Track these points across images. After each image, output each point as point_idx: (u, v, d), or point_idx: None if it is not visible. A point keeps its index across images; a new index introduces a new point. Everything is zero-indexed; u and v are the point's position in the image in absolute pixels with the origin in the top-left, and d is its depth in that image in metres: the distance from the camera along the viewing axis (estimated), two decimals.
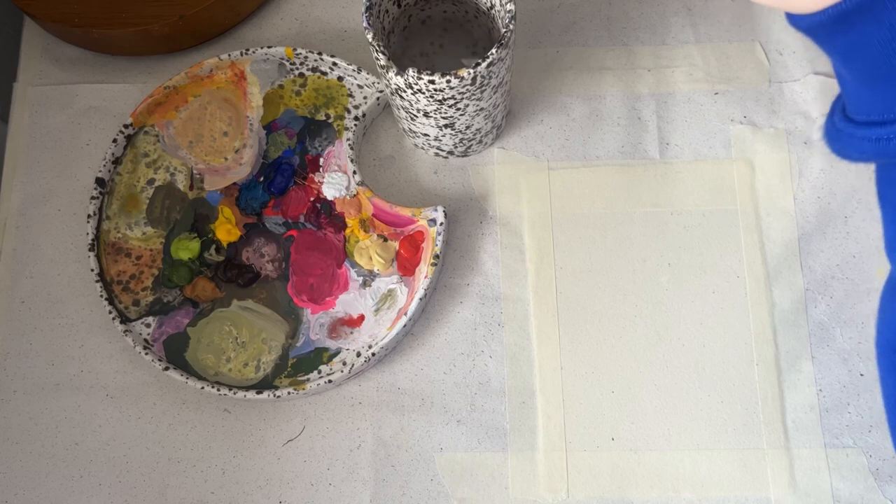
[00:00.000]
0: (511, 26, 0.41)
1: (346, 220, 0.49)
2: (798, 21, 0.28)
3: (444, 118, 0.45)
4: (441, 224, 0.47)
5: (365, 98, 0.51)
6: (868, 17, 0.26)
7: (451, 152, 0.50)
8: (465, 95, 0.42)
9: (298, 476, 0.47)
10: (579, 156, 0.51)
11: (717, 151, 0.51)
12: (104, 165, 0.50)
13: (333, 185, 0.50)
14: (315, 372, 0.47)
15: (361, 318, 0.48)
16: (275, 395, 0.46)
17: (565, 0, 0.54)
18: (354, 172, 0.50)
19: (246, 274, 0.49)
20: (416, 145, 0.51)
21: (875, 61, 0.27)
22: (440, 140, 0.48)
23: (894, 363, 0.31)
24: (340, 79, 0.52)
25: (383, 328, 0.47)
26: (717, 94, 0.52)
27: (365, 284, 0.48)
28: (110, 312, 0.47)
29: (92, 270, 0.48)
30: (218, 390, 0.46)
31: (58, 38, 0.54)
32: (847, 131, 0.29)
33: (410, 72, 0.41)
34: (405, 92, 0.43)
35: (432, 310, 0.49)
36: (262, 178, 0.50)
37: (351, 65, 0.51)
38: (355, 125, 0.50)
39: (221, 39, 0.55)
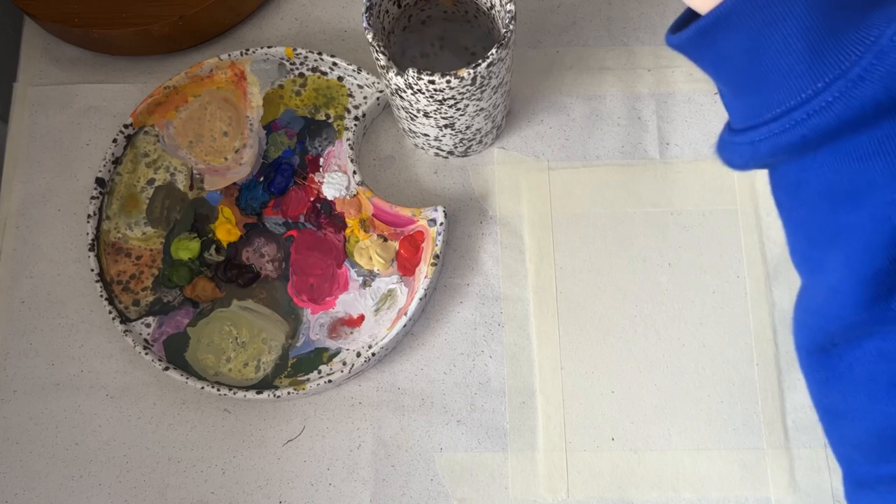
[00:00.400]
0: (511, 26, 0.41)
1: (346, 220, 0.49)
2: (671, 41, 0.31)
3: (444, 118, 0.45)
4: (441, 224, 0.47)
5: (365, 98, 0.51)
6: (728, 28, 0.28)
7: (451, 152, 0.50)
8: (465, 95, 0.42)
9: (298, 476, 0.47)
10: (579, 156, 0.51)
11: None
12: (104, 165, 0.50)
13: (333, 185, 0.50)
14: (315, 372, 0.47)
15: (361, 318, 0.48)
16: (275, 395, 0.46)
17: (565, 0, 0.54)
18: (354, 172, 0.50)
19: (246, 274, 0.49)
20: (416, 145, 0.51)
21: (739, 70, 0.29)
22: (440, 140, 0.48)
23: (811, 366, 0.33)
24: (340, 79, 0.52)
25: (383, 328, 0.47)
26: (717, 94, 0.52)
27: (365, 284, 0.48)
28: (110, 312, 0.47)
29: (92, 270, 0.48)
30: (218, 390, 0.46)
31: (58, 38, 0.54)
32: (728, 140, 0.32)
33: (410, 72, 0.41)
34: (405, 92, 0.43)
35: (432, 310, 0.49)
36: (262, 178, 0.50)
37: (351, 65, 0.51)
38: (355, 125, 0.50)
39: (221, 39, 0.55)
